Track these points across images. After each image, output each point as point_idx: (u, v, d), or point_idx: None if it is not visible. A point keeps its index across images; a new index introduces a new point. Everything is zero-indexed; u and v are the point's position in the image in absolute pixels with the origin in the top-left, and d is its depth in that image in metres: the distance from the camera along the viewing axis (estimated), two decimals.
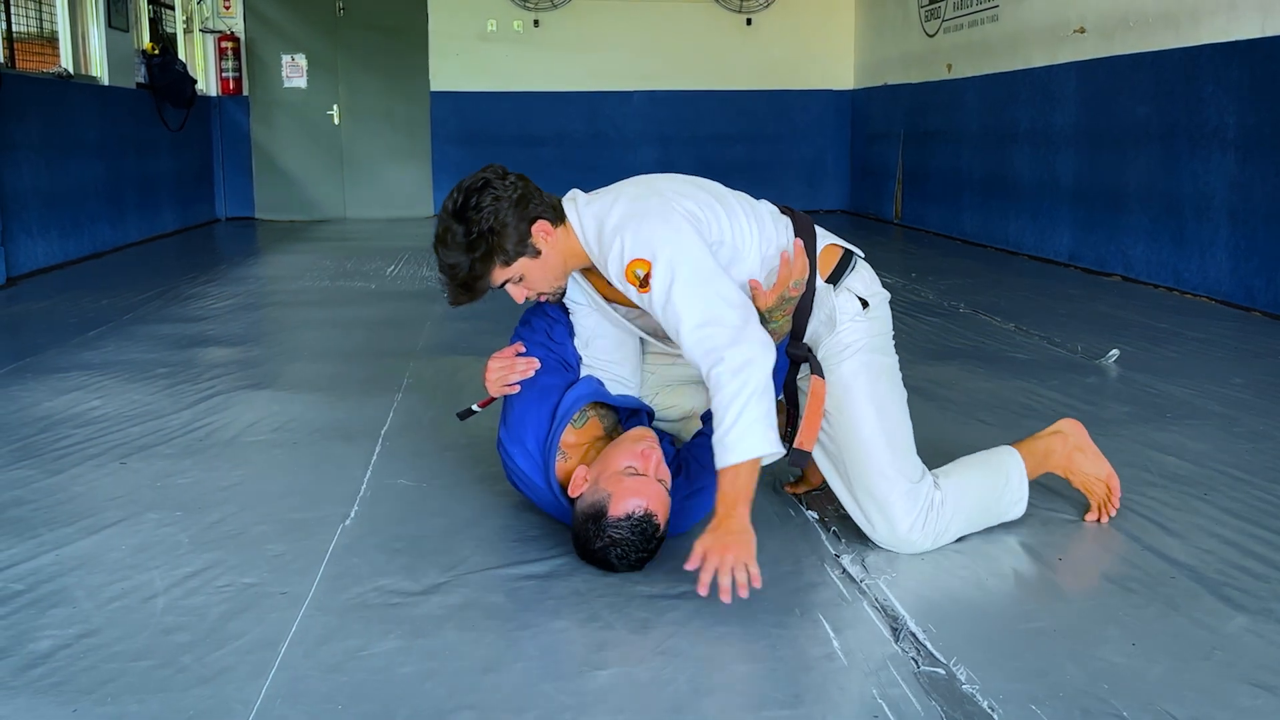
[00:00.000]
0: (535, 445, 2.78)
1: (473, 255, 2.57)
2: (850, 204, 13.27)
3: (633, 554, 2.56)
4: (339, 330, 5.93)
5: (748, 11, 12.96)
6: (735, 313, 2.53)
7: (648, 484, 2.58)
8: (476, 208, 2.56)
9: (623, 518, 2.54)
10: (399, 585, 2.59)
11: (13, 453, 3.62)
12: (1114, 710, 2.02)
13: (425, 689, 2.11)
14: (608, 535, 2.55)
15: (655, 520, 2.57)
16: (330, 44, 12.79)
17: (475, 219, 2.56)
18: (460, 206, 2.58)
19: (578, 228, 2.65)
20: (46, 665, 2.20)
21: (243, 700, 2.06)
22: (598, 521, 2.56)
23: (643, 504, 2.55)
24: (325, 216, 12.96)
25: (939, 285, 7.34)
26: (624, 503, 2.55)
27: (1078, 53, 8.19)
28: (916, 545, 2.74)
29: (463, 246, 2.57)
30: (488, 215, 2.55)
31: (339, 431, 3.89)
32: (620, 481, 2.57)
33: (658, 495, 2.59)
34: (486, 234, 2.56)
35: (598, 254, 2.63)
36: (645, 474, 2.60)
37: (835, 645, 2.29)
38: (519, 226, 2.58)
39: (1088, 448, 3.03)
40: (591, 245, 2.64)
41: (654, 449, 2.66)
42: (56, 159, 8.46)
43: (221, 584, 2.59)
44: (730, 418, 2.45)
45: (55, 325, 5.94)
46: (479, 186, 2.59)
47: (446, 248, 2.60)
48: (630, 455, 2.62)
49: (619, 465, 2.61)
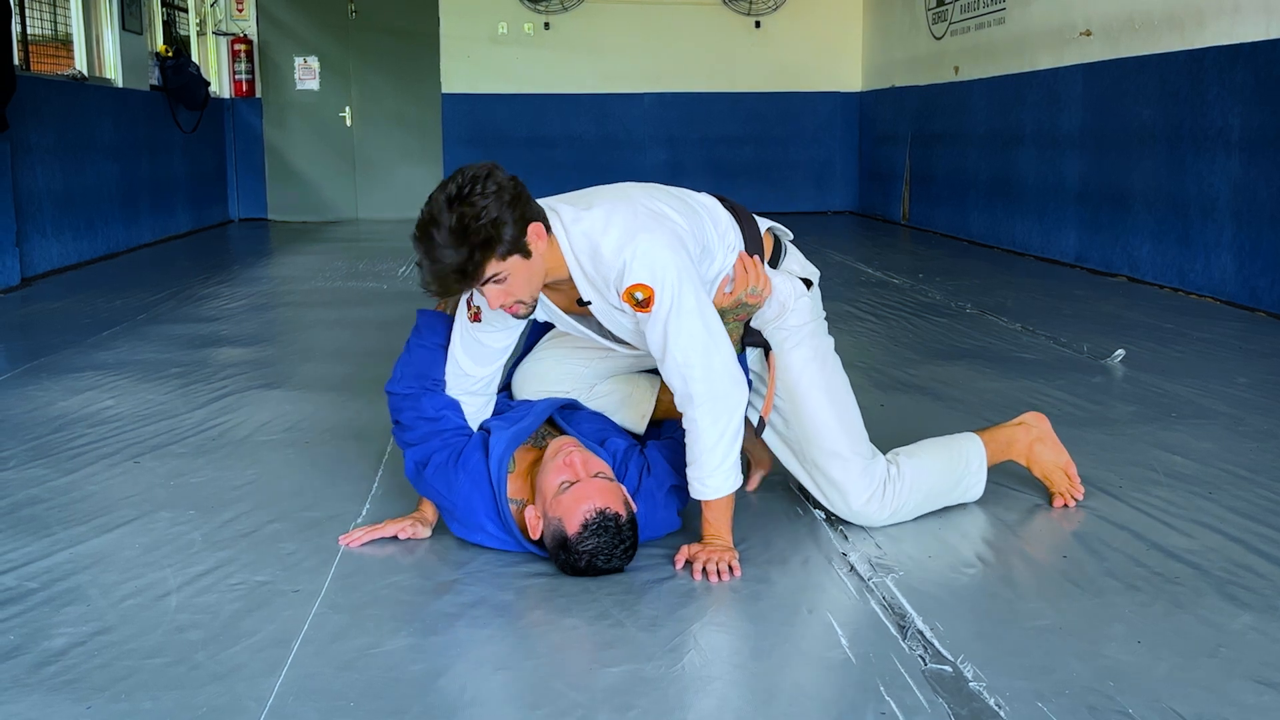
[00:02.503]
0: (492, 520, 2.74)
1: (473, 242, 2.42)
2: (858, 205, 13.26)
3: (614, 552, 2.57)
4: (351, 330, 5.96)
5: (756, 14, 12.96)
6: (722, 353, 2.65)
7: (585, 487, 2.58)
8: (483, 193, 2.44)
9: (582, 530, 2.54)
10: (410, 583, 2.61)
11: (27, 452, 3.65)
12: (1119, 707, 2.02)
13: (436, 686, 2.12)
14: (580, 551, 2.56)
15: (611, 512, 2.56)
16: (342, 47, 12.83)
17: (479, 205, 2.42)
18: (463, 194, 2.44)
19: (565, 245, 2.61)
20: (61, 663, 2.21)
21: (255, 697, 2.07)
22: (566, 547, 2.57)
23: (591, 506, 2.55)
24: (337, 218, 12.99)
25: (946, 286, 7.34)
26: (574, 517, 2.55)
27: (1084, 55, 8.19)
28: (873, 519, 2.90)
29: (461, 234, 2.42)
30: (491, 206, 2.43)
31: (351, 431, 3.91)
32: (560, 502, 2.58)
33: (600, 490, 2.58)
34: (490, 223, 2.43)
35: (591, 272, 2.61)
36: (578, 479, 2.60)
37: (843, 643, 2.30)
38: (517, 223, 2.47)
39: (1049, 438, 3.16)
40: (584, 264, 2.61)
41: (573, 451, 2.67)
42: (71, 161, 8.50)
43: (234, 582, 2.61)
44: (710, 463, 2.66)
45: (69, 325, 5.97)
46: (482, 176, 2.47)
47: (440, 234, 2.43)
48: (557, 472, 2.63)
49: (553, 487, 2.61)
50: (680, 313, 2.58)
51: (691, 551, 2.68)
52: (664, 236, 2.59)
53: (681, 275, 2.57)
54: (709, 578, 2.61)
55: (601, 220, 2.61)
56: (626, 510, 2.61)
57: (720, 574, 2.62)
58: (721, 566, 2.63)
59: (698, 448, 2.65)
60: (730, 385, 2.64)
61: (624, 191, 2.76)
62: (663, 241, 2.58)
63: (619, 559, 2.60)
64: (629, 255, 2.55)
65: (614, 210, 2.64)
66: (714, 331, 2.63)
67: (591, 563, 2.57)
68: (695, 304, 2.59)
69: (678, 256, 2.58)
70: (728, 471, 2.67)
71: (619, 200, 2.69)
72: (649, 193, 2.76)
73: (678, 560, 2.68)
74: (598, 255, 2.58)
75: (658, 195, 2.76)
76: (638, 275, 2.55)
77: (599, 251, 2.58)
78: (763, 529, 2.93)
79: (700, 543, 2.71)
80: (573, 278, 2.65)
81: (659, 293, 2.56)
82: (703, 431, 2.64)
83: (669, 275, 2.56)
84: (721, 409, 2.63)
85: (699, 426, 2.64)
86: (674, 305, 2.57)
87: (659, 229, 2.60)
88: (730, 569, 2.64)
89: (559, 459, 2.65)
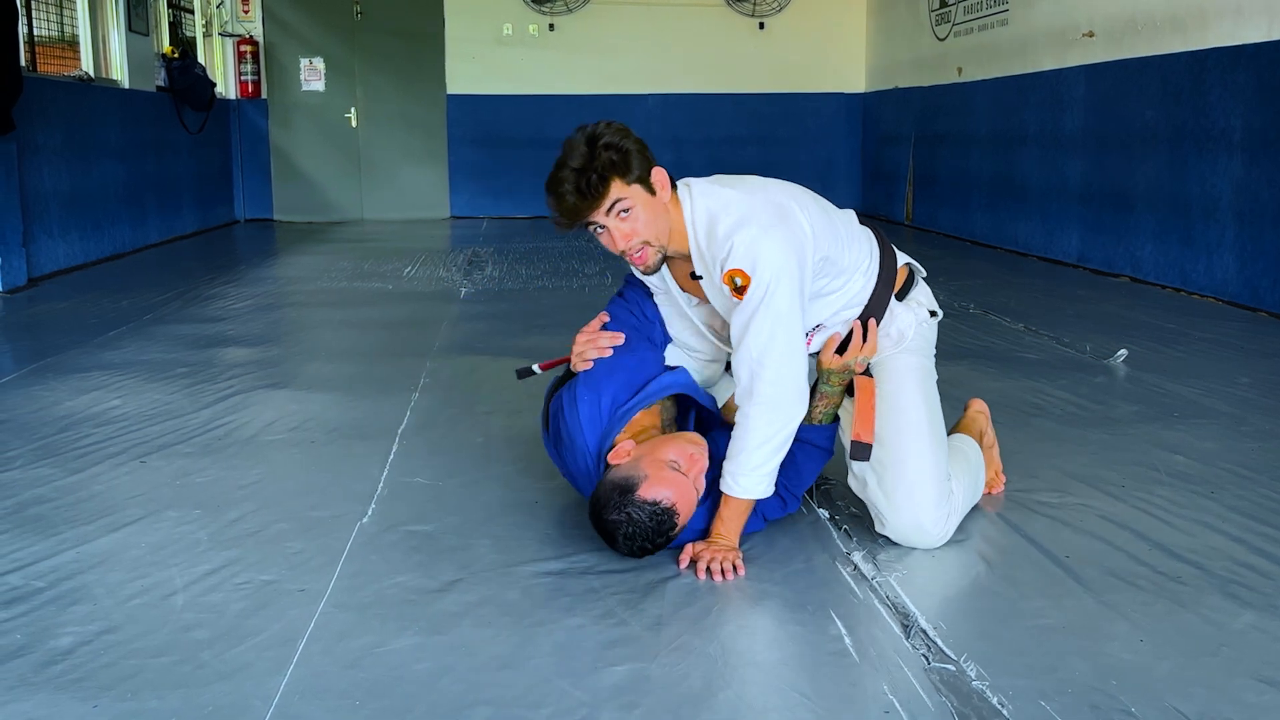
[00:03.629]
0: (609, 405, 2.81)
1: (601, 160, 2.59)
2: (862, 206, 13.25)
3: (641, 540, 2.59)
4: (356, 330, 5.97)
5: (760, 16, 12.97)
6: (796, 362, 2.66)
7: (684, 483, 2.62)
8: (615, 131, 2.63)
9: (649, 500, 2.57)
10: (416, 582, 2.61)
11: (34, 451, 3.66)
12: (1122, 706, 2.03)
13: (441, 685, 2.13)
14: (626, 511, 2.57)
15: (675, 518, 2.60)
16: (348, 48, 12.85)
17: (608, 138, 2.61)
18: (598, 130, 2.63)
19: (688, 212, 2.70)
20: (67, 661, 2.22)
21: (261, 696, 2.08)
22: (624, 494, 2.59)
23: (671, 496, 2.58)
24: (342, 218, 13.00)
25: (949, 286, 7.34)
26: (656, 488, 2.58)
27: (1086, 56, 8.20)
28: (935, 540, 2.80)
29: (589, 157, 2.60)
30: (622, 141, 2.62)
31: (356, 430, 3.92)
32: (661, 469, 2.61)
33: (686, 497, 2.62)
34: (617, 147, 2.61)
35: (704, 247, 2.69)
36: (686, 474, 2.63)
37: (847, 642, 2.31)
38: (643, 161, 2.64)
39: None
40: (699, 236, 2.69)
41: (702, 457, 2.70)
42: (77, 161, 8.52)
43: (240, 581, 2.62)
44: (750, 459, 2.67)
45: (76, 325, 5.99)
46: (617, 125, 2.66)
47: (571, 158, 2.62)
48: (679, 453, 2.66)
49: (666, 456, 2.64)
50: (768, 309, 2.60)
51: (696, 550, 2.69)
52: (779, 232, 2.62)
53: (781, 273, 2.60)
54: (712, 576, 2.62)
55: (728, 198, 2.68)
56: (680, 525, 2.64)
57: (725, 573, 2.62)
58: (725, 566, 2.63)
59: (742, 443, 2.67)
60: (794, 396, 2.66)
61: (764, 184, 2.79)
62: (776, 236, 2.61)
63: (635, 549, 2.61)
64: (738, 239, 2.60)
65: (743, 196, 2.69)
66: (794, 338, 2.65)
67: (620, 526, 2.59)
68: (786, 305, 2.62)
69: (785, 255, 2.60)
70: (762, 477, 2.68)
71: (755, 189, 2.74)
72: (789, 192, 2.77)
73: (682, 559, 2.68)
74: (713, 232, 2.65)
75: (797, 196, 2.77)
76: (739, 261, 2.60)
77: (714, 228, 2.65)
78: (767, 528, 2.94)
79: (706, 540, 2.72)
80: (690, 248, 2.71)
81: (755, 283, 2.60)
82: (753, 429, 2.65)
83: (769, 269, 2.59)
84: (778, 414, 2.66)
85: (751, 423, 2.66)
86: (765, 300, 2.60)
87: (778, 224, 2.63)
88: (735, 568, 2.64)
89: (691, 449, 2.69)
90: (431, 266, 8.64)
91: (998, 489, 3.20)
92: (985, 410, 3.30)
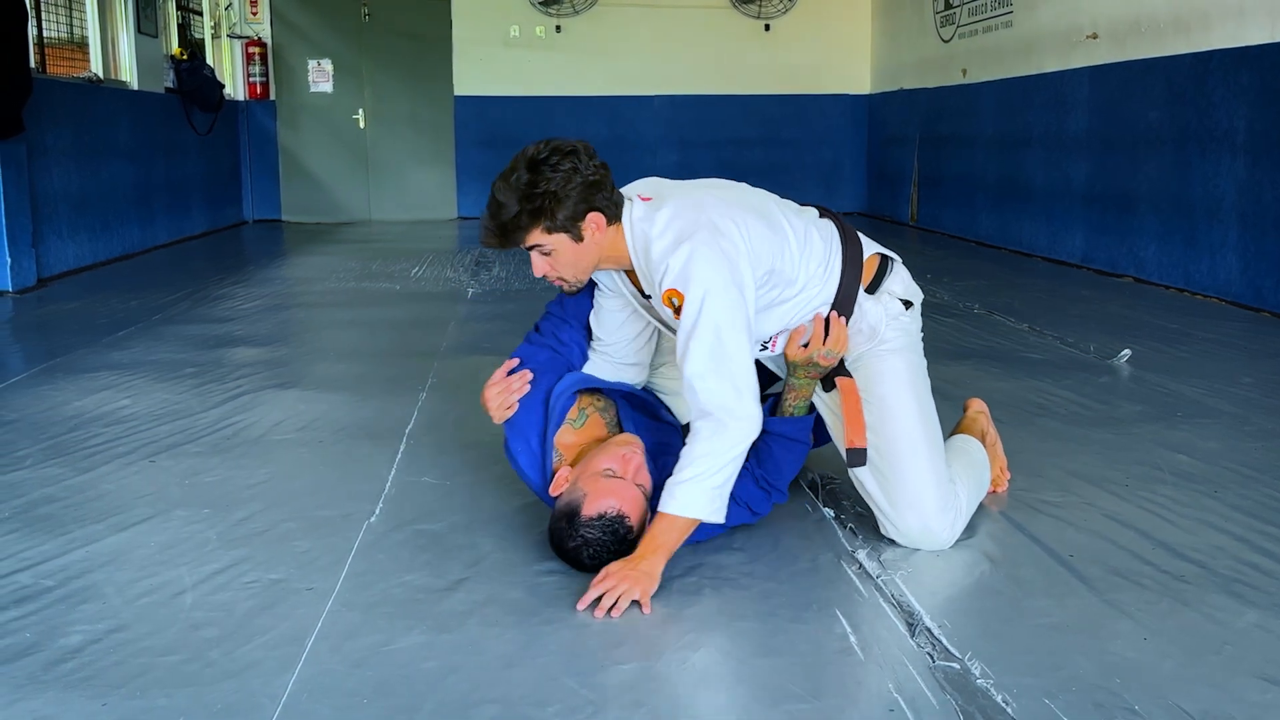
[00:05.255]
0: (538, 440, 2.82)
1: (525, 206, 2.57)
2: (867, 207, 13.27)
3: (604, 554, 2.56)
4: (364, 331, 5.98)
5: (766, 17, 12.97)
6: (738, 377, 2.57)
7: (624, 486, 2.61)
8: (553, 167, 2.57)
9: (595, 517, 2.56)
10: (423, 581, 2.63)
11: (43, 451, 3.68)
12: (1126, 704, 2.04)
13: (449, 683, 2.14)
14: (580, 535, 2.57)
15: (627, 522, 2.58)
16: (356, 49, 12.86)
17: (546, 176, 2.56)
18: (540, 158, 2.59)
19: (629, 238, 2.68)
20: (76, 660, 2.23)
21: (270, 694, 2.09)
22: (571, 520, 2.58)
23: (616, 505, 2.57)
24: (350, 219, 13.02)
25: (954, 286, 7.35)
26: (598, 503, 2.57)
27: (1090, 58, 8.20)
28: (944, 542, 2.78)
29: (520, 194, 2.57)
30: (559, 179, 2.56)
31: (364, 430, 3.93)
32: (596, 482, 2.60)
33: (632, 498, 2.60)
34: (548, 194, 2.56)
35: (645, 269, 2.67)
36: (623, 477, 2.62)
37: (852, 640, 2.31)
38: (577, 205, 2.58)
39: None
40: (640, 260, 2.68)
41: (635, 454, 2.69)
42: (87, 162, 8.54)
43: (248, 580, 2.63)
44: (692, 472, 2.55)
45: (85, 326, 6.00)
46: (566, 151, 2.59)
47: (506, 187, 2.60)
48: (611, 459, 2.65)
49: (599, 467, 2.64)
50: (704, 326, 2.55)
51: (611, 570, 2.50)
52: (712, 251, 2.56)
53: (714, 290, 2.54)
54: (596, 611, 2.41)
55: (663, 222, 2.63)
56: (637, 530, 2.61)
57: (613, 610, 2.41)
58: (624, 599, 2.42)
59: (686, 458, 2.57)
60: (737, 411, 2.56)
61: (701, 196, 2.70)
62: (709, 255, 2.55)
63: (604, 563, 2.58)
64: (672, 261, 2.57)
65: (678, 214, 2.64)
66: (733, 354, 2.56)
67: (581, 551, 2.58)
68: (723, 321, 2.55)
69: (716, 272, 2.55)
70: (703, 494, 2.54)
71: (689, 206, 2.66)
72: (727, 203, 2.70)
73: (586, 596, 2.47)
74: (649, 255, 2.63)
75: (734, 209, 2.68)
76: (673, 281, 2.57)
77: (650, 252, 2.62)
78: (771, 527, 2.94)
79: (623, 560, 2.52)
80: (636, 271, 2.71)
81: (688, 301, 2.56)
82: (700, 440, 2.56)
83: (700, 287, 2.54)
84: (723, 431, 2.55)
85: (698, 436, 2.57)
86: (700, 317, 2.55)
87: (711, 242, 2.57)
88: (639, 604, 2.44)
89: (620, 450, 2.68)
90: (439, 267, 8.65)
91: (1002, 487, 3.20)
92: (985, 409, 3.29)
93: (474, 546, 2.83)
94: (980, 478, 2.98)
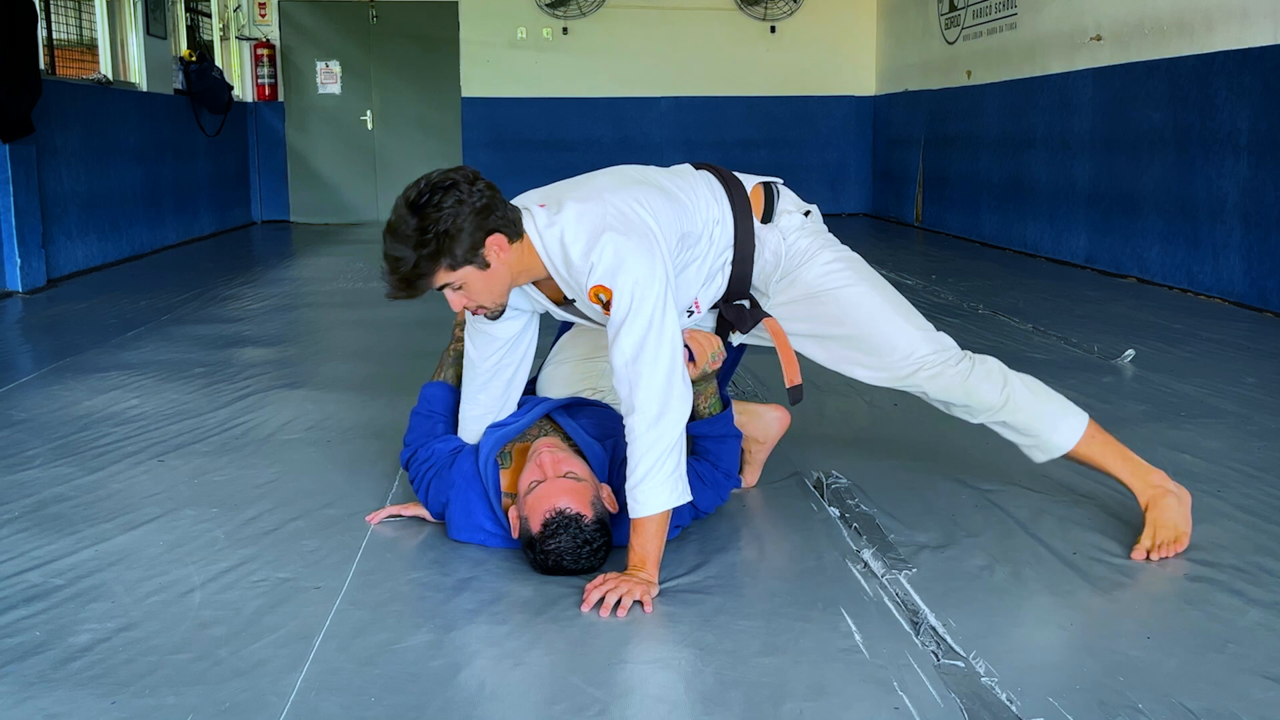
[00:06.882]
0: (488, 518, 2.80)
1: (420, 252, 2.47)
2: (872, 208, 13.28)
3: (578, 552, 2.57)
4: (372, 331, 6.00)
5: (772, 19, 12.97)
6: (670, 366, 2.54)
7: (550, 486, 2.61)
8: (437, 206, 2.46)
9: (544, 529, 2.56)
10: (430, 580, 2.64)
11: (53, 450, 3.69)
12: (1130, 702, 2.04)
13: (456, 682, 2.15)
14: (545, 551, 2.58)
15: (571, 511, 2.56)
16: (364, 51, 12.89)
17: (433, 216, 2.46)
18: (421, 201, 2.48)
19: (540, 247, 2.60)
20: (86, 658, 2.24)
21: (278, 693, 2.10)
22: (532, 546, 2.60)
23: (552, 506, 2.57)
24: (358, 220, 13.04)
25: (959, 287, 7.35)
26: (536, 517, 2.58)
27: (1094, 60, 8.20)
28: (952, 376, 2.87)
29: (412, 241, 2.46)
30: (446, 216, 2.46)
31: (372, 429, 3.94)
32: (527, 501, 2.62)
33: (565, 490, 2.60)
34: (440, 235, 2.46)
35: (566, 274, 2.61)
36: (544, 479, 2.62)
37: (857, 639, 2.32)
38: (474, 235, 2.48)
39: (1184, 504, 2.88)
40: (559, 267, 2.61)
41: (544, 452, 2.69)
42: (96, 163, 8.57)
43: (257, 579, 2.64)
44: (643, 470, 2.52)
45: (94, 326, 6.03)
46: (445, 185, 2.49)
47: (396, 238, 2.49)
48: (530, 472, 2.66)
49: (525, 486, 2.65)
50: (636, 317, 2.51)
51: (610, 575, 2.51)
52: (631, 240, 2.53)
53: (641, 280, 2.51)
54: (601, 611, 2.42)
55: (571, 223, 2.57)
56: (593, 511, 2.60)
57: (619, 609, 2.42)
58: (627, 599, 2.43)
59: (635, 459, 2.53)
60: (672, 398, 2.52)
61: (596, 188, 2.68)
62: (629, 245, 2.52)
63: (586, 559, 2.59)
64: (595, 258, 2.52)
65: (584, 211, 2.59)
66: (665, 343, 2.52)
67: (558, 562, 2.58)
68: (653, 310, 2.52)
69: (640, 261, 2.52)
70: (661, 484, 2.52)
71: (589, 200, 2.63)
72: (622, 186, 2.69)
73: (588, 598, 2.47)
74: (569, 259, 2.57)
75: (630, 189, 2.67)
76: (600, 277, 2.53)
77: (569, 256, 2.56)
78: (777, 526, 2.95)
79: (618, 573, 2.53)
80: (555, 278, 2.66)
81: (617, 295, 2.52)
82: (639, 440, 2.52)
83: (628, 278, 2.51)
84: (662, 421, 2.51)
85: (635, 434, 2.53)
86: (631, 309, 2.51)
87: (627, 231, 2.55)
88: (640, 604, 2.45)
89: (534, 459, 2.69)
90: None
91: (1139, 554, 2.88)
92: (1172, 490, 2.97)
93: (481, 545, 2.84)
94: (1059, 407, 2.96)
